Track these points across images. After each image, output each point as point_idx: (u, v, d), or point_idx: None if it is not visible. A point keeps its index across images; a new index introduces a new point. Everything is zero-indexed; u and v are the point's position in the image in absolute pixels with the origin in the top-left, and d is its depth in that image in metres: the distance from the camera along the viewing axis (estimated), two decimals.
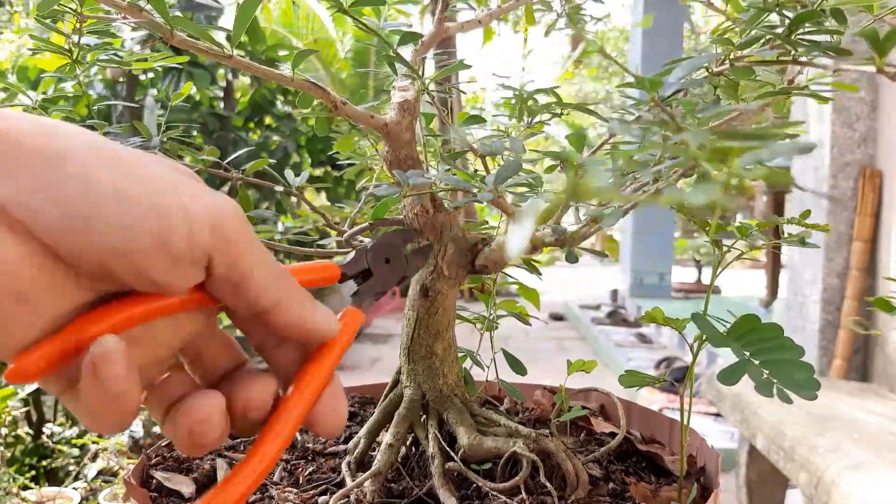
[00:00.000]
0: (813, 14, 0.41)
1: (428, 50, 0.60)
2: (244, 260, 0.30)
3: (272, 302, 0.31)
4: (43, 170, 0.27)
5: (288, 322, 0.32)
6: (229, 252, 0.30)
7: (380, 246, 0.42)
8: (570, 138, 0.48)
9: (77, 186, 0.27)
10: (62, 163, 0.27)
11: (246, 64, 0.50)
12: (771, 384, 0.41)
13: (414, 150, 0.56)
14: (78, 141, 0.28)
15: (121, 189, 0.28)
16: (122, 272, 0.28)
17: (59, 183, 0.27)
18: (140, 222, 0.28)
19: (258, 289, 0.31)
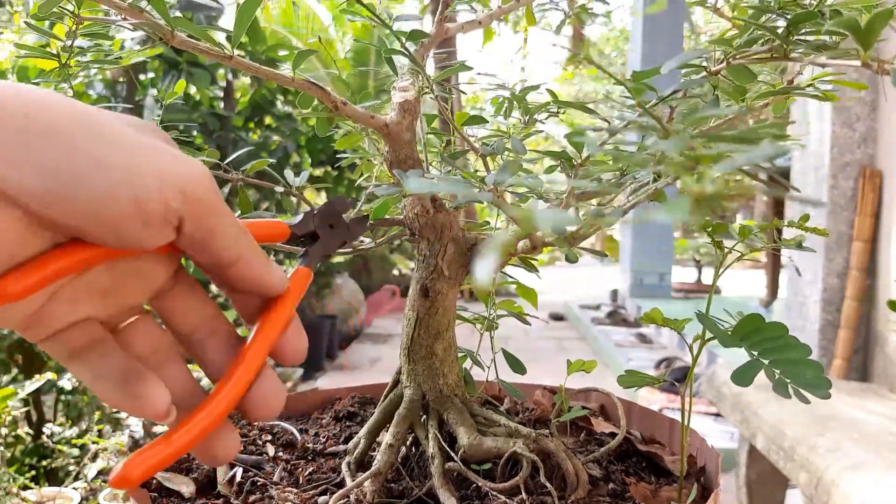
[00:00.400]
0: (810, 15, 0.41)
1: (429, 50, 0.60)
2: (211, 219, 0.32)
3: (234, 257, 0.34)
4: (30, 142, 0.28)
5: (245, 276, 0.35)
6: (198, 213, 0.32)
7: (324, 212, 0.44)
8: (569, 138, 0.48)
9: (57, 155, 0.29)
10: (43, 130, 0.29)
11: (246, 64, 0.50)
12: (786, 384, 0.41)
13: (414, 151, 0.56)
14: (64, 113, 0.30)
15: (99, 157, 0.29)
16: (97, 233, 0.30)
17: (39, 150, 0.28)
18: (118, 190, 0.29)
19: (222, 245, 0.33)
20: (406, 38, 0.55)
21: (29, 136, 0.29)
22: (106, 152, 0.30)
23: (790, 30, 0.42)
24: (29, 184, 0.28)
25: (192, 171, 0.32)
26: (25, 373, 2.50)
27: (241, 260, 0.34)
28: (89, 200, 0.29)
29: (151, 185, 0.30)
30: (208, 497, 0.55)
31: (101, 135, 0.30)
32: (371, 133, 0.66)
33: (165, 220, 0.31)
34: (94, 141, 0.30)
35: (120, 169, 0.30)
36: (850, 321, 2.63)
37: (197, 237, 0.32)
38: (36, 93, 0.30)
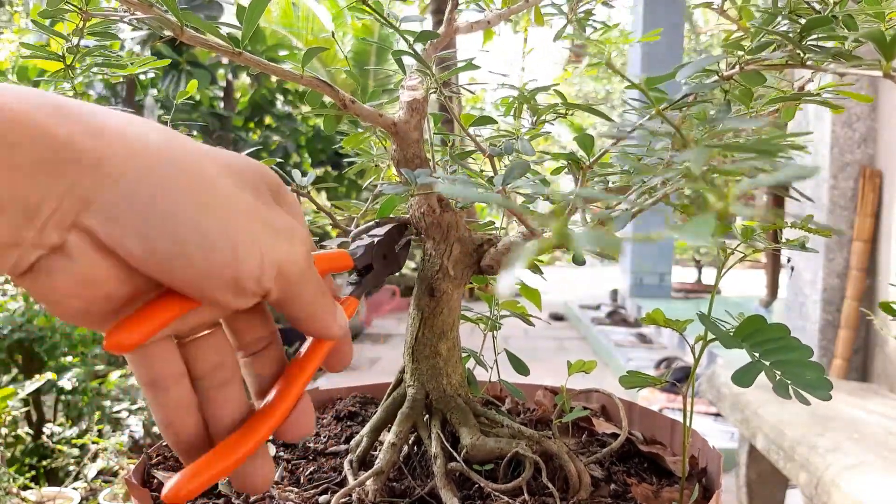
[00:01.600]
0: (824, 20, 0.41)
1: (437, 50, 0.60)
2: (296, 290, 0.35)
3: (309, 315, 0.36)
4: (134, 205, 0.29)
5: (313, 328, 0.37)
6: (287, 289, 0.34)
7: (383, 242, 0.47)
8: (578, 140, 0.48)
9: (163, 227, 0.29)
10: (154, 199, 0.29)
11: (256, 61, 0.49)
12: (786, 385, 0.41)
13: (422, 150, 0.56)
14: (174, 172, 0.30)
15: (204, 233, 0.30)
16: (190, 294, 0.32)
17: (147, 221, 0.29)
18: (218, 268, 0.31)
19: (301, 307, 0.36)
20: (415, 39, 0.55)
21: (140, 207, 0.29)
22: (211, 227, 0.30)
23: (803, 35, 0.42)
24: (133, 251, 0.29)
25: (291, 252, 0.34)
26: (25, 373, 2.49)
27: (313, 318, 0.37)
28: (189, 275, 0.30)
29: (250, 265, 0.31)
30: (209, 497, 0.55)
31: (209, 208, 0.31)
32: (378, 132, 0.66)
33: (257, 294, 0.33)
34: (201, 216, 0.30)
35: (223, 250, 0.31)
36: (850, 321, 2.63)
37: (279, 303, 0.35)
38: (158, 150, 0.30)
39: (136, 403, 2.35)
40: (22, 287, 0.32)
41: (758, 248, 0.54)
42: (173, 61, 3.89)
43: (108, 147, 0.29)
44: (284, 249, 0.33)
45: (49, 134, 0.28)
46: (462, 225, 0.58)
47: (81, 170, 0.28)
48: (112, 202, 0.29)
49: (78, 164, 0.28)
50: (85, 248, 0.30)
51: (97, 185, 0.29)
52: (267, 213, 0.33)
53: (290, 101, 5.16)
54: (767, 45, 0.45)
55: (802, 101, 0.49)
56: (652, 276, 6.67)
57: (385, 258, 0.47)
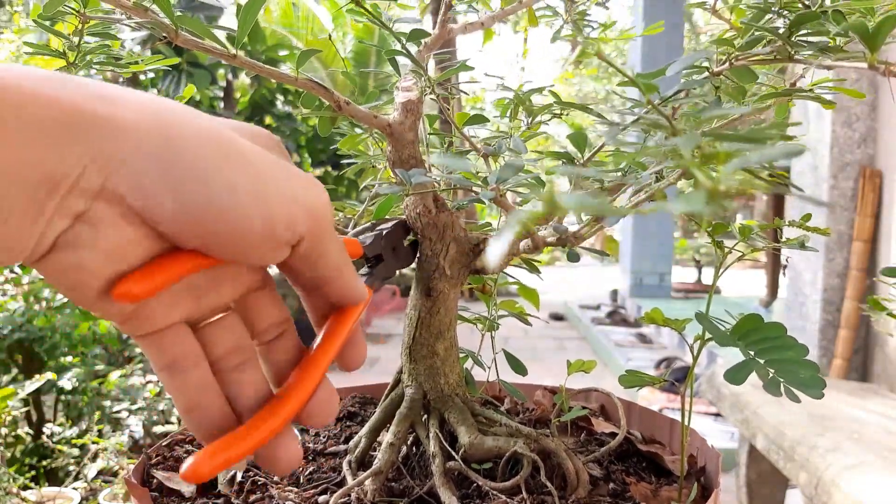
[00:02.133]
0: (812, 15, 0.41)
1: (431, 50, 0.60)
2: (324, 242, 0.34)
3: (335, 274, 0.36)
4: (161, 164, 0.29)
5: (340, 289, 0.37)
6: (317, 237, 0.34)
7: (391, 234, 0.47)
8: (571, 139, 0.48)
9: (193, 181, 0.29)
10: (179, 156, 0.29)
11: (250, 63, 0.50)
12: (778, 383, 0.42)
13: (417, 151, 0.56)
14: (199, 136, 0.30)
15: (233, 183, 0.30)
16: (221, 252, 0.31)
17: (176, 178, 0.29)
18: (251, 219, 0.30)
19: (329, 263, 0.35)
20: (407, 39, 0.55)
21: (167, 165, 0.29)
22: (239, 179, 0.30)
23: (792, 31, 0.42)
24: (165, 210, 0.29)
25: (318, 197, 0.34)
26: (25, 373, 2.50)
27: (341, 276, 0.36)
28: (222, 227, 0.30)
29: (281, 213, 0.31)
30: (209, 496, 0.55)
31: (234, 159, 0.31)
32: (375, 133, 0.66)
33: (290, 242, 0.32)
34: (227, 167, 0.30)
35: (252, 196, 0.30)
36: (850, 321, 2.64)
37: (310, 257, 0.34)
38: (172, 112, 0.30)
39: (136, 403, 2.35)
40: (41, 271, 0.30)
41: (756, 248, 0.54)
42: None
43: (124, 112, 0.29)
44: (314, 193, 0.33)
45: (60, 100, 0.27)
46: (458, 225, 0.58)
47: (102, 134, 0.28)
48: (139, 165, 0.28)
49: (97, 129, 0.28)
50: (113, 216, 0.29)
51: (120, 149, 0.28)
52: (286, 165, 0.34)
53: (290, 101, 5.16)
54: (757, 40, 0.45)
55: (794, 97, 0.49)
56: (652, 276, 6.67)
57: (394, 251, 0.48)
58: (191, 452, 0.62)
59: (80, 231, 0.29)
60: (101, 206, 0.29)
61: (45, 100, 0.27)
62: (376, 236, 0.47)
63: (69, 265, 0.29)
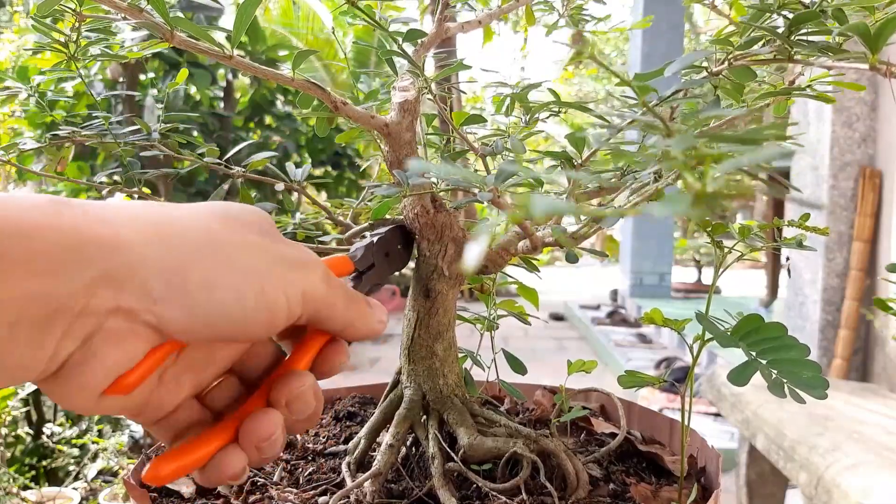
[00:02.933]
0: (812, 15, 0.41)
1: (428, 50, 0.59)
2: (325, 311, 0.37)
3: (342, 327, 0.38)
4: (167, 275, 0.31)
5: (355, 336, 0.39)
6: (316, 312, 0.36)
7: (383, 241, 0.47)
8: (570, 139, 0.48)
9: (199, 290, 0.31)
10: (183, 267, 0.31)
11: (246, 64, 0.49)
12: (782, 384, 0.41)
13: (415, 151, 0.56)
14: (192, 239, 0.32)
15: (235, 286, 0.32)
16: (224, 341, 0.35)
17: (183, 288, 0.31)
18: (255, 316, 0.33)
19: (335, 323, 0.38)
20: (403, 39, 0.54)
21: (172, 276, 0.31)
22: (238, 280, 0.32)
23: (791, 30, 0.42)
24: (176, 320, 0.31)
25: (309, 279, 0.36)
26: None
27: (349, 328, 0.39)
28: (229, 327, 0.32)
29: (282, 304, 0.34)
30: (208, 497, 0.55)
31: (228, 261, 0.33)
32: (374, 133, 0.66)
33: (290, 321, 0.35)
34: (224, 270, 0.32)
35: (255, 295, 0.33)
36: (850, 321, 2.63)
37: (312, 321, 0.37)
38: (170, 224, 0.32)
39: None
40: (47, 389, 0.31)
41: (756, 248, 0.54)
42: (174, 62, 3.90)
43: (125, 231, 0.30)
44: (302, 277, 0.35)
45: (62, 228, 0.28)
46: (456, 225, 0.57)
47: (104, 254, 0.29)
48: (145, 280, 0.30)
49: (102, 251, 0.29)
50: (125, 331, 0.30)
51: (125, 267, 0.30)
52: (277, 249, 0.35)
53: (291, 100, 5.16)
54: (756, 40, 0.45)
55: (793, 95, 0.49)
56: (652, 276, 6.67)
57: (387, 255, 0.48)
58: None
59: (89, 349, 0.30)
60: (113, 323, 0.30)
61: (48, 230, 0.28)
62: (367, 246, 0.46)
63: (77, 382, 0.30)
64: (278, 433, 0.36)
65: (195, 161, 0.64)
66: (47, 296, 0.28)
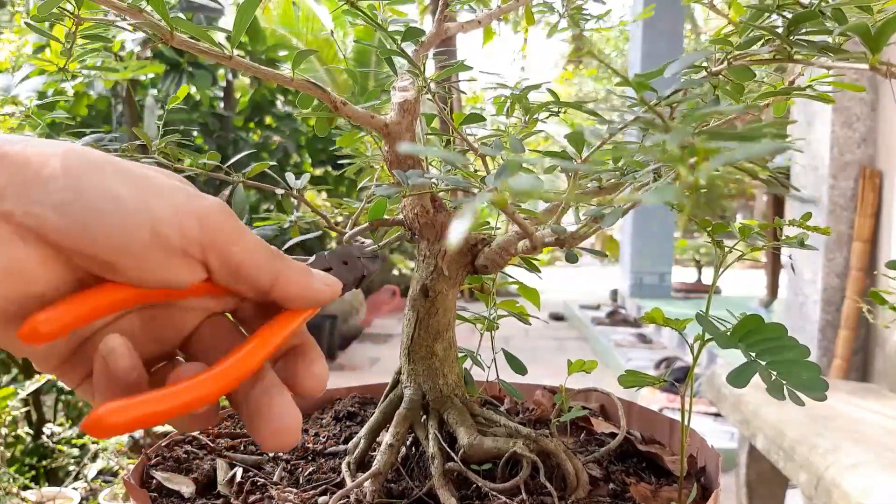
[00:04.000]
0: (811, 14, 0.41)
1: (428, 49, 0.59)
2: (235, 248, 0.33)
3: (270, 280, 0.34)
4: (44, 184, 0.31)
5: (290, 294, 0.35)
6: (219, 243, 0.33)
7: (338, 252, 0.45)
8: (569, 138, 0.48)
9: (75, 194, 0.30)
10: (60, 175, 0.31)
11: (246, 65, 0.49)
12: (781, 385, 0.41)
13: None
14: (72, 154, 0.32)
15: (115, 193, 0.31)
16: (126, 269, 0.31)
17: (58, 193, 0.30)
18: (135, 222, 0.31)
19: (255, 270, 0.34)
20: (402, 39, 0.55)
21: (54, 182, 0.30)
22: (119, 189, 0.31)
23: (790, 30, 0.42)
24: (52, 221, 0.30)
25: (206, 203, 0.33)
26: (25, 373, 2.49)
27: (279, 279, 0.34)
28: (107, 232, 0.30)
29: (166, 215, 0.31)
30: (208, 497, 0.55)
31: (114, 173, 0.32)
32: (373, 133, 0.66)
33: (186, 251, 0.32)
34: (106, 179, 0.31)
35: (134, 200, 0.31)
36: (850, 321, 2.63)
37: (227, 269, 0.33)
38: (78, 148, 0.32)
39: None
40: None
41: (756, 247, 0.54)
42: (174, 62, 3.90)
43: (30, 150, 0.31)
44: (198, 202, 0.33)
45: None
46: None
47: (5, 168, 0.30)
48: (23, 185, 0.30)
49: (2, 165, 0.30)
50: (8, 234, 0.30)
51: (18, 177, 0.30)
52: (177, 183, 0.34)
53: (291, 101, 5.16)
54: (756, 40, 0.45)
55: (793, 96, 0.49)
56: (652, 276, 6.67)
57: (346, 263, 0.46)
58: (190, 453, 0.62)
59: None
60: None
61: None
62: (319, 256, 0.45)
63: None
64: None
65: (196, 169, 0.64)
66: None
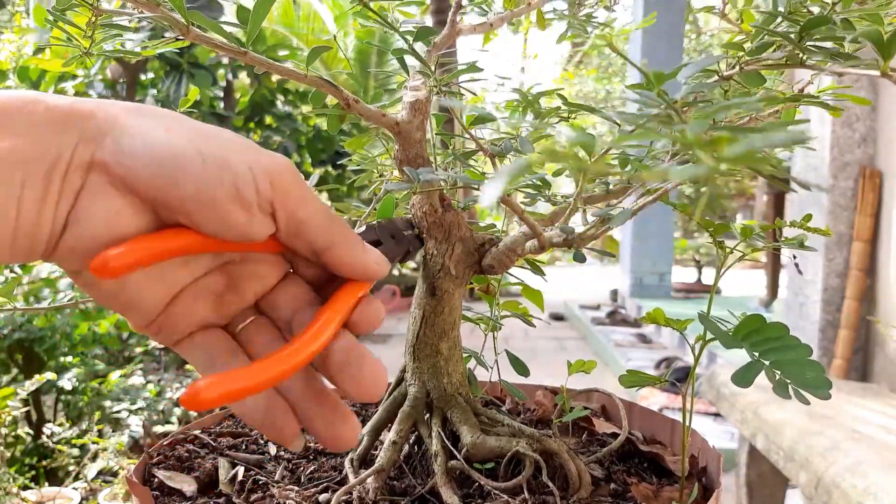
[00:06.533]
0: (823, 20, 0.41)
1: (440, 50, 0.60)
2: (301, 207, 0.36)
3: (328, 242, 0.37)
4: (137, 134, 0.34)
5: (342, 260, 0.38)
6: (288, 200, 0.36)
7: (386, 225, 0.47)
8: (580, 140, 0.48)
9: (164, 149, 0.33)
10: (153, 129, 0.34)
11: (261, 60, 0.50)
12: (786, 385, 0.41)
13: (424, 150, 0.56)
14: (163, 112, 0.36)
15: (200, 150, 0.34)
16: (207, 221, 0.34)
17: (150, 144, 0.34)
18: (216, 177, 0.34)
19: (315, 231, 0.37)
20: (414, 39, 0.55)
21: (142, 135, 0.34)
22: (203, 144, 0.34)
23: (802, 36, 0.42)
24: (141, 172, 0.33)
25: (277, 161, 0.36)
26: (25, 373, 2.50)
27: (335, 245, 0.37)
28: (192, 185, 0.33)
29: (245, 172, 0.34)
30: (210, 496, 0.55)
31: (200, 132, 0.35)
32: (382, 133, 0.66)
33: (260, 205, 0.35)
34: (188, 134, 0.34)
35: (216, 158, 0.34)
36: (850, 321, 2.64)
37: (290, 225, 0.36)
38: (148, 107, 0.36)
39: (135, 403, 2.35)
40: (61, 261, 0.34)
41: (757, 248, 0.54)
42: (174, 62, 3.90)
43: (110, 106, 0.35)
44: (269, 160, 0.36)
45: (59, 104, 0.33)
46: (464, 224, 0.58)
47: (89, 121, 0.33)
48: (116, 138, 0.33)
49: (85, 119, 0.33)
50: (103, 184, 0.33)
51: (98, 128, 0.33)
52: (250, 141, 0.37)
53: (291, 101, 5.16)
54: (767, 45, 0.45)
55: (802, 103, 0.49)
56: (652, 275, 6.67)
57: (394, 238, 0.47)
58: (192, 452, 0.62)
59: (81, 206, 0.33)
60: (93, 178, 0.33)
61: (37, 104, 0.33)
62: (369, 226, 0.46)
63: (79, 240, 0.33)
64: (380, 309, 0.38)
65: None
66: (44, 155, 0.32)
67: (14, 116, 0.32)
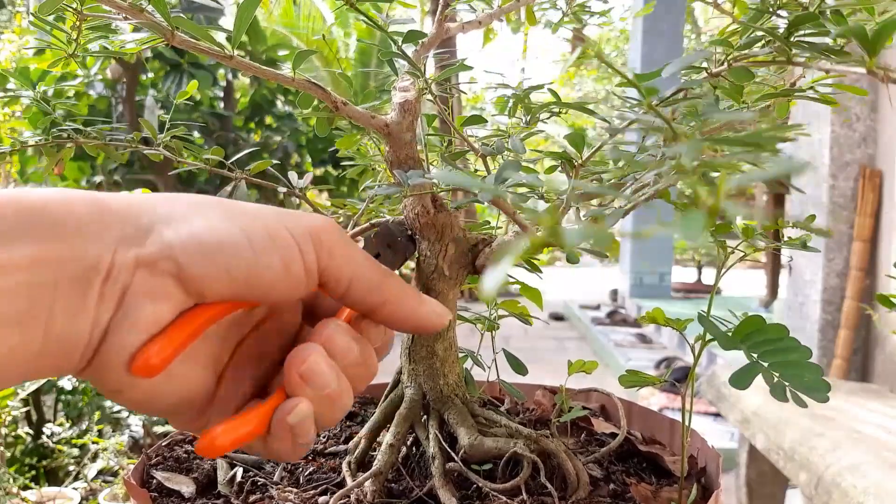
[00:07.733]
0: (810, 16, 0.41)
1: (428, 50, 0.59)
2: (346, 265, 0.35)
3: (380, 301, 0.36)
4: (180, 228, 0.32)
5: (397, 316, 0.37)
6: (332, 259, 0.35)
7: (382, 234, 0.48)
8: (569, 138, 0.48)
9: (209, 236, 0.32)
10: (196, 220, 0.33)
11: (246, 64, 0.49)
12: (783, 387, 0.41)
13: (415, 151, 0.56)
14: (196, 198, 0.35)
15: (245, 232, 0.33)
16: (255, 299, 0.34)
17: (196, 237, 0.32)
18: (267, 258, 0.33)
19: (365, 288, 0.36)
20: (403, 40, 0.54)
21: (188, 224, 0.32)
22: (246, 224, 0.33)
23: (790, 31, 0.42)
24: (190, 265, 0.32)
25: (316, 220, 0.35)
26: None
27: (388, 302, 0.37)
28: (244, 271, 0.33)
29: (290, 245, 0.34)
30: (208, 497, 0.55)
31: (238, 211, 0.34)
32: (373, 133, 0.66)
33: (308, 276, 0.34)
34: (233, 216, 0.34)
35: (261, 238, 0.33)
36: (850, 321, 2.63)
37: (340, 285, 0.35)
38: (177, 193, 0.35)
39: None
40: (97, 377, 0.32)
41: (758, 248, 0.54)
42: (174, 62, 3.90)
43: (139, 199, 0.33)
44: (309, 220, 0.35)
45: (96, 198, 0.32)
46: (457, 225, 0.57)
47: (122, 218, 0.32)
48: (160, 232, 0.32)
49: (117, 215, 0.32)
50: (151, 282, 0.31)
51: (140, 226, 0.32)
52: (282, 209, 0.36)
53: (291, 101, 5.16)
54: (755, 41, 0.45)
55: (794, 98, 0.49)
56: (652, 276, 6.67)
57: (390, 246, 0.48)
58: (190, 453, 0.62)
59: (127, 310, 0.31)
60: (140, 279, 0.31)
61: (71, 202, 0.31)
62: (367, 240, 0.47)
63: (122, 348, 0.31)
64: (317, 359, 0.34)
65: (198, 164, 0.64)
66: (80, 257, 0.30)
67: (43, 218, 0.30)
